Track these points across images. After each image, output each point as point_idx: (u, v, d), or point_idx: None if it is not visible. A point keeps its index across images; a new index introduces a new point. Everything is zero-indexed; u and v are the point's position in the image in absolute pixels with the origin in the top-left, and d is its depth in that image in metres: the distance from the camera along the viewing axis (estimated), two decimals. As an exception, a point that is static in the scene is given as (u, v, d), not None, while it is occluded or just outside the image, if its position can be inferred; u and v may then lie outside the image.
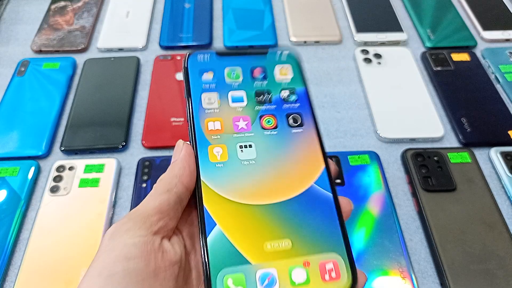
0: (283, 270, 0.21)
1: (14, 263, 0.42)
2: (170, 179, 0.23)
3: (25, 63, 0.59)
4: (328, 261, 0.22)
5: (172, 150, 0.55)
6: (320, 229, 0.23)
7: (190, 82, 0.27)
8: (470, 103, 0.55)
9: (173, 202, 0.22)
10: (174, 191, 0.23)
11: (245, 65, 0.28)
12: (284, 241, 0.22)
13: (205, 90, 0.27)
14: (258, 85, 0.27)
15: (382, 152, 0.50)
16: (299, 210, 0.23)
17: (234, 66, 0.28)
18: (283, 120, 0.26)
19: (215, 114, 0.26)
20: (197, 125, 0.25)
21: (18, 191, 0.46)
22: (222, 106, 0.26)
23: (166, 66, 0.59)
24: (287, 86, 0.27)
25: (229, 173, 0.24)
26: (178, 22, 0.66)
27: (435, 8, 0.69)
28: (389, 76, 0.58)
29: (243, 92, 0.27)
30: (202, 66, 0.28)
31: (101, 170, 0.47)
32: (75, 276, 0.40)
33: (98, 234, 0.42)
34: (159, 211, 0.22)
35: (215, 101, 0.26)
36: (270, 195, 0.23)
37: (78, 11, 0.68)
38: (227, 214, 0.23)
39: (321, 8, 0.68)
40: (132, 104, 0.55)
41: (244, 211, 0.23)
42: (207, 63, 0.28)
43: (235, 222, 0.22)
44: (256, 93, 0.27)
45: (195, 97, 0.26)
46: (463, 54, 0.61)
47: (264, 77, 0.28)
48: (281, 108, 0.27)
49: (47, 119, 0.53)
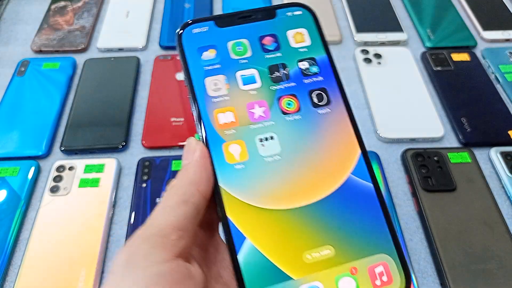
0: (329, 282, 0.19)
1: (14, 263, 0.42)
2: (186, 187, 0.19)
3: (25, 63, 0.59)
4: (377, 264, 0.19)
5: (172, 150, 0.55)
6: (364, 228, 0.20)
7: (188, 64, 0.22)
8: (470, 103, 0.55)
9: (190, 216, 0.19)
10: (191, 202, 0.19)
11: (251, 34, 0.23)
12: (325, 248, 0.19)
13: (208, 73, 0.22)
14: (271, 58, 0.23)
15: (382, 152, 0.50)
16: (337, 209, 0.20)
17: (239, 37, 0.23)
18: (306, 99, 0.22)
19: (225, 103, 0.21)
20: (205, 119, 0.21)
21: (18, 191, 0.46)
22: (232, 91, 0.22)
23: (166, 66, 0.59)
24: (306, 55, 0.23)
25: (252, 174, 0.20)
26: (178, 22, 0.66)
27: (435, 8, 0.69)
28: (389, 76, 0.58)
29: (254, 70, 0.22)
30: (200, 41, 0.23)
31: (101, 170, 0.47)
32: (75, 276, 0.40)
33: (98, 234, 0.42)
34: (177, 228, 0.18)
35: (222, 85, 0.22)
36: (302, 195, 0.20)
37: (78, 11, 0.68)
38: (256, 224, 0.19)
39: (321, 8, 0.68)
40: (132, 104, 0.55)
41: (275, 219, 0.20)
42: (205, 37, 0.23)
43: (266, 233, 0.19)
44: (270, 69, 0.22)
45: (197, 83, 0.22)
46: (463, 54, 0.61)
47: (276, 48, 0.23)
48: (301, 84, 0.22)
49: (47, 119, 0.53)
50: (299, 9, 0.24)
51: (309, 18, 0.24)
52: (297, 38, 0.23)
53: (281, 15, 0.24)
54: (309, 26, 0.24)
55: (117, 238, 0.44)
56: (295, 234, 0.19)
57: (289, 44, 0.23)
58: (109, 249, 0.43)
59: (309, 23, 0.24)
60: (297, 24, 0.23)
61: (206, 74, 0.22)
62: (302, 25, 0.23)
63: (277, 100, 0.22)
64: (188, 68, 0.22)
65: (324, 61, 0.23)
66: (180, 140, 0.51)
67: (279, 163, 0.21)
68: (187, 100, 0.55)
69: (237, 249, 0.19)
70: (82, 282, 0.39)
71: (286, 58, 0.23)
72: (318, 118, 0.22)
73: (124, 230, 0.44)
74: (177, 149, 0.51)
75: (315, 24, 0.24)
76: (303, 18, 0.24)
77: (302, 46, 0.23)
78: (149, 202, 0.45)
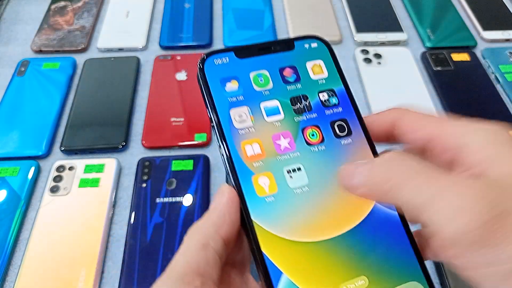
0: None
1: (14, 263, 0.42)
2: (206, 229, 0.19)
3: (25, 63, 0.59)
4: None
5: (172, 150, 0.55)
6: (393, 256, 0.20)
7: (213, 96, 0.22)
8: (470, 103, 0.55)
9: (212, 261, 0.19)
10: (211, 246, 0.19)
11: (271, 65, 0.23)
12: (360, 279, 0.19)
13: (233, 104, 0.22)
14: (292, 90, 0.23)
15: (382, 152, 0.50)
16: (366, 238, 0.20)
17: (260, 68, 0.23)
18: (328, 130, 0.22)
19: (251, 134, 0.21)
20: (233, 151, 0.21)
21: (18, 191, 0.46)
22: (257, 123, 0.22)
23: (166, 66, 0.59)
24: (325, 86, 0.23)
25: (282, 207, 0.20)
26: (178, 22, 0.66)
27: (435, 8, 0.69)
28: (389, 76, 0.58)
29: (277, 102, 0.22)
30: (222, 72, 0.23)
31: (101, 170, 0.47)
32: (75, 276, 0.40)
33: (98, 234, 0.42)
34: (199, 274, 0.18)
35: (247, 117, 0.22)
36: (332, 226, 0.20)
37: (78, 11, 0.68)
38: (292, 258, 0.19)
39: (321, 8, 0.68)
40: (132, 104, 0.55)
41: (309, 251, 0.20)
42: (227, 68, 0.23)
43: (302, 266, 0.19)
44: (292, 100, 0.23)
45: (223, 115, 0.22)
46: (463, 54, 0.61)
47: (296, 79, 0.23)
48: (323, 115, 0.22)
49: (47, 119, 0.53)
50: (315, 41, 0.24)
51: (325, 50, 0.24)
52: (315, 69, 0.24)
53: (299, 47, 0.24)
54: (325, 57, 0.24)
55: (117, 238, 0.44)
56: (329, 266, 0.19)
57: (309, 76, 0.23)
58: (109, 249, 0.43)
59: (325, 55, 0.24)
60: (314, 56, 0.24)
61: (231, 106, 0.22)
62: (319, 57, 0.24)
63: (301, 131, 0.22)
64: (213, 100, 0.22)
65: (342, 92, 0.23)
66: (180, 140, 0.51)
67: (308, 195, 0.21)
68: (187, 100, 0.55)
69: (274, 285, 0.19)
70: (82, 282, 0.39)
71: (306, 90, 0.23)
72: (341, 148, 0.22)
73: (124, 230, 0.44)
74: (177, 149, 0.51)
75: (330, 56, 0.24)
76: (319, 50, 0.24)
77: (320, 77, 0.24)
78: (149, 202, 0.45)
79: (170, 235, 0.42)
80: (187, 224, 0.43)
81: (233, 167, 0.21)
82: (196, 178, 0.47)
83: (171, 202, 0.45)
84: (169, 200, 0.45)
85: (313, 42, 0.24)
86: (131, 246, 0.42)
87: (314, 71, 0.24)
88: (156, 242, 0.42)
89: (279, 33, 0.65)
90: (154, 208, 0.44)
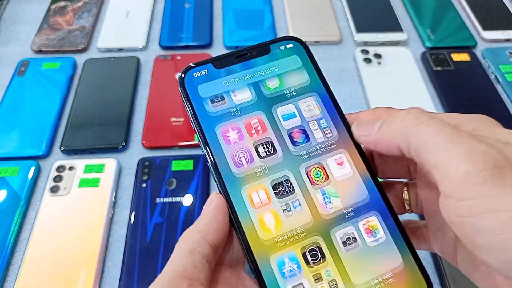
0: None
1: (14, 263, 0.42)
2: (193, 236, 0.21)
3: (25, 63, 0.59)
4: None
5: (172, 150, 0.55)
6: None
7: (196, 112, 0.23)
8: (470, 103, 0.55)
9: (199, 265, 0.20)
10: (198, 252, 0.20)
11: (249, 74, 0.25)
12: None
13: (218, 119, 0.24)
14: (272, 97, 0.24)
15: (382, 152, 0.50)
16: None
17: (238, 78, 0.24)
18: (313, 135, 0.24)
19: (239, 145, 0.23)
20: (220, 161, 0.23)
21: (18, 191, 0.46)
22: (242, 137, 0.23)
23: (166, 66, 0.59)
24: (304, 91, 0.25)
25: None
26: (178, 22, 0.66)
27: (435, 8, 0.69)
28: (389, 76, 0.58)
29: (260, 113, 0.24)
30: (202, 85, 0.24)
31: (101, 170, 0.47)
32: (75, 276, 0.40)
33: (98, 234, 0.42)
34: (186, 277, 0.19)
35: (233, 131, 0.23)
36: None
37: (78, 11, 0.68)
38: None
39: (321, 8, 0.68)
40: (132, 104, 0.55)
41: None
42: (207, 80, 0.24)
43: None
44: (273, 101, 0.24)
45: (208, 131, 0.23)
46: (463, 54, 0.61)
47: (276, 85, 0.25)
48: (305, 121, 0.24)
49: (47, 119, 0.53)
50: (290, 42, 0.26)
51: (301, 49, 0.26)
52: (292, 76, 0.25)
53: (274, 50, 0.25)
54: (302, 56, 0.25)
55: (117, 238, 0.44)
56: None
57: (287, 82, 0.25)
58: (109, 249, 0.43)
59: (302, 54, 0.25)
60: (291, 58, 0.25)
61: (216, 121, 0.23)
62: (295, 58, 0.25)
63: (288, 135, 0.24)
64: (196, 115, 0.23)
65: (323, 94, 0.25)
66: (180, 140, 0.51)
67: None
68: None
69: (268, 284, 0.20)
70: (82, 282, 0.39)
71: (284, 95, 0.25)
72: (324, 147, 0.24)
73: (124, 230, 0.44)
74: (177, 149, 0.51)
75: (307, 54, 0.25)
76: (295, 50, 0.25)
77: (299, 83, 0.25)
78: (149, 202, 0.45)
79: (170, 235, 0.42)
80: (187, 224, 0.43)
81: (219, 175, 0.22)
82: (196, 178, 0.47)
83: (171, 202, 0.45)
84: (169, 200, 0.45)
85: (289, 43, 0.25)
86: (131, 246, 0.42)
87: (291, 77, 0.25)
88: (156, 242, 0.42)
89: (279, 33, 0.65)
90: (154, 208, 0.44)
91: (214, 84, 0.24)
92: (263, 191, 0.22)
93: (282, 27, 0.67)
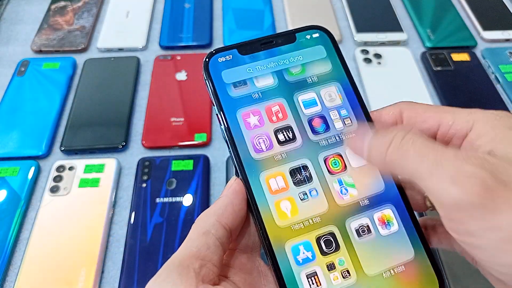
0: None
1: (14, 263, 0.42)
2: (208, 218, 0.21)
3: (25, 63, 0.59)
4: None
5: (172, 150, 0.55)
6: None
7: (219, 97, 0.23)
8: (470, 103, 0.55)
9: (213, 246, 0.20)
10: (212, 233, 0.20)
11: (274, 61, 0.24)
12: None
13: (240, 103, 0.24)
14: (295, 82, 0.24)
15: (382, 152, 0.50)
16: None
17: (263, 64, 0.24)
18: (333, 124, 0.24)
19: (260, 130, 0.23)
20: (242, 148, 0.23)
21: (18, 191, 0.46)
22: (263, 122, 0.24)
23: (166, 66, 0.59)
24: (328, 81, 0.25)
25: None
26: (178, 22, 0.66)
27: (435, 8, 0.69)
28: (389, 76, 0.58)
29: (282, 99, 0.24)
30: (226, 70, 0.24)
31: (101, 170, 0.47)
32: (75, 276, 0.40)
33: (98, 234, 0.42)
34: (198, 258, 0.20)
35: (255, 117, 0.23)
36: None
37: (78, 11, 0.68)
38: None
39: (321, 8, 0.68)
40: (132, 104, 0.55)
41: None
42: (231, 66, 0.24)
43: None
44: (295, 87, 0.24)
45: (230, 116, 0.23)
46: (463, 54, 0.61)
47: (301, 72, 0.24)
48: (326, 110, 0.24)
49: (47, 119, 0.53)
50: (316, 32, 0.25)
51: (327, 39, 0.26)
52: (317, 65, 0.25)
53: (300, 38, 0.25)
54: (327, 46, 0.25)
55: (117, 238, 0.44)
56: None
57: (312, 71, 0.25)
58: (109, 249, 0.43)
59: (327, 44, 0.25)
60: (316, 47, 0.25)
61: (238, 105, 0.23)
62: (321, 47, 0.25)
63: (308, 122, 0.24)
64: (219, 100, 0.23)
65: (346, 85, 0.25)
66: (180, 140, 0.51)
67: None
68: (187, 100, 0.55)
69: (282, 270, 0.21)
70: (82, 282, 0.39)
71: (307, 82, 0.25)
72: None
73: (124, 230, 0.44)
74: (177, 149, 0.51)
75: (332, 44, 0.25)
76: (321, 40, 0.25)
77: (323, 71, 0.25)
78: (149, 202, 0.45)
79: (170, 235, 0.42)
80: (187, 224, 0.43)
81: (239, 160, 0.22)
82: (196, 178, 0.47)
83: (171, 202, 0.45)
84: (169, 200, 0.45)
85: (315, 33, 0.25)
86: (131, 246, 0.42)
87: (316, 66, 0.25)
88: (156, 242, 0.42)
89: (279, 33, 0.65)
90: (154, 208, 0.44)
91: (238, 70, 0.24)
92: (281, 178, 0.22)
93: (282, 27, 0.66)
